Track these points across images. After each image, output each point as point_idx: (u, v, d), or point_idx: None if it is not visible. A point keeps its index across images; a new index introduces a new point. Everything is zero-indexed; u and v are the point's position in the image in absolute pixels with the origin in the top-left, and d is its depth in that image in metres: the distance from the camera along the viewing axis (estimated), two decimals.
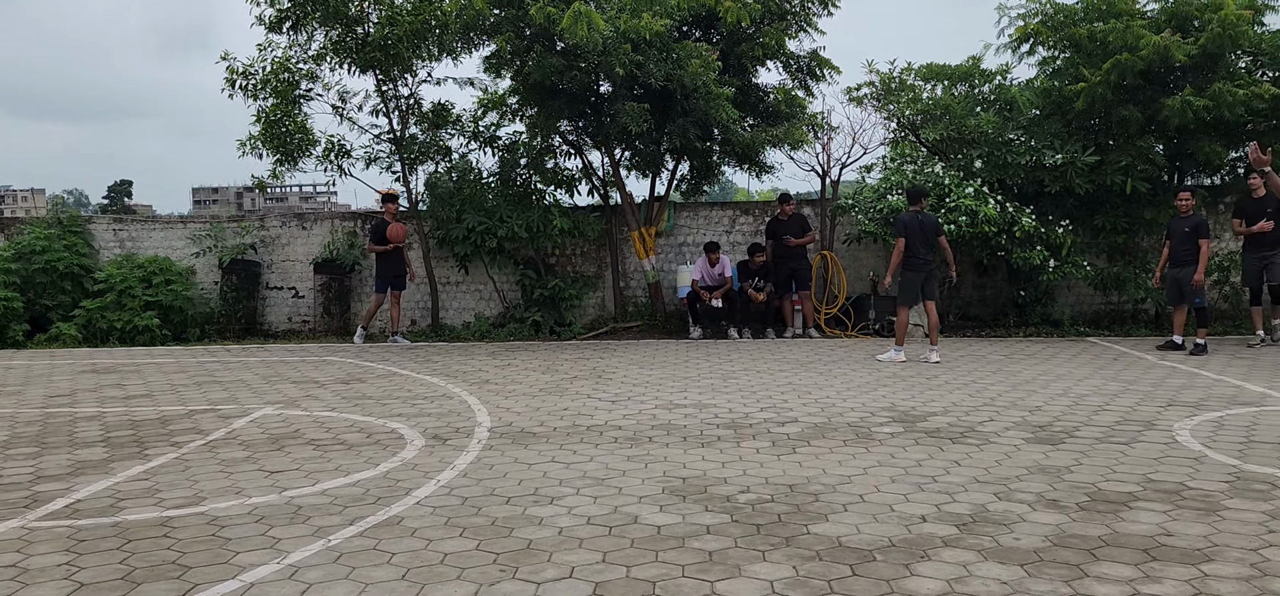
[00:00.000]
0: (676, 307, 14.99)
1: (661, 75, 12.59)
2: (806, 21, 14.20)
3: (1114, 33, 12.75)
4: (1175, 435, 6.98)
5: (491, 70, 14.25)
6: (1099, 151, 13.29)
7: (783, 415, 7.94)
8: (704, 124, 13.38)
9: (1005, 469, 6.07)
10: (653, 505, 5.39)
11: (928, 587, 4.10)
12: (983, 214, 12.73)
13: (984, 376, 9.90)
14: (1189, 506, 5.20)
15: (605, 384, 9.76)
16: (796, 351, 12.23)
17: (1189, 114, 12.27)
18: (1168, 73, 12.81)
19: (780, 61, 14.48)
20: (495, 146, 14.95)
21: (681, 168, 15.02)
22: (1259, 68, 13.22)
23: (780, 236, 14.15)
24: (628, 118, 12.65)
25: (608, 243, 15.38)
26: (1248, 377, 9.63)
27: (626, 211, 14.84)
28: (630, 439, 7.12)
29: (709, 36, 14.13)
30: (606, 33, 12.12)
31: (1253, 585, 4.07)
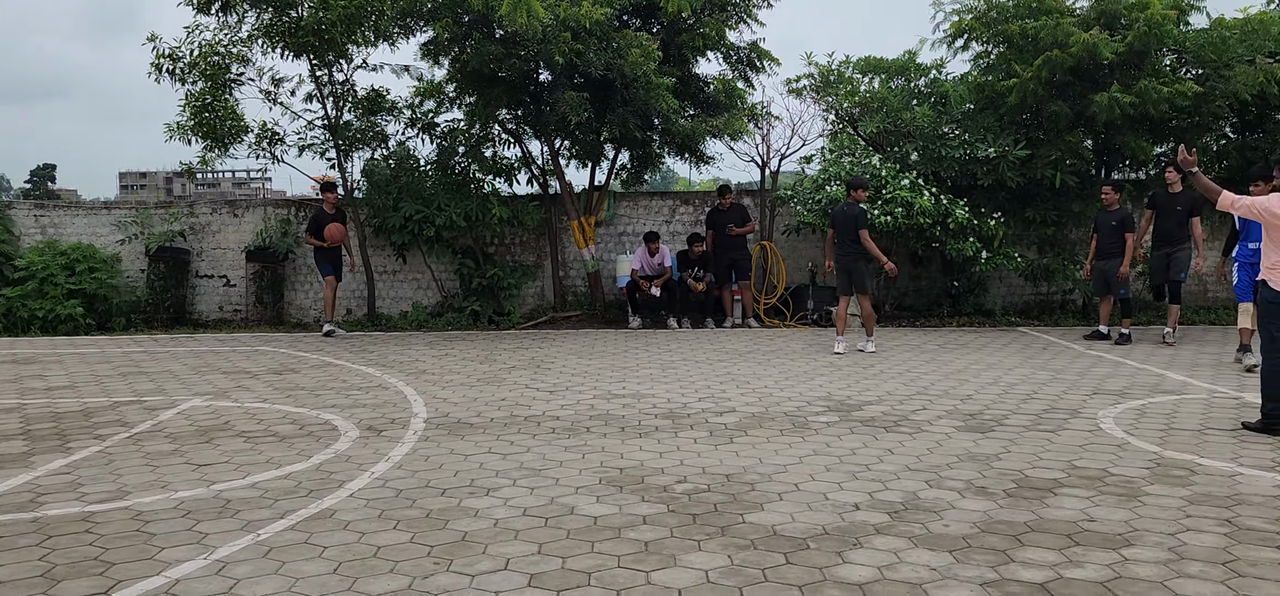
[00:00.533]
0: (616, 297, 14.98)
1: (602, 64, 12.55)
2: (747, 13, 14.26)
3: (1045, 30, 13.01)
4: (1099, 423, 7.16)
5: (429, 57, 14.08)
6: (1030, 145, 13.57)
7: (721, 405, 7.99)
8: (644, 114, 13.38)
9: (936, 457, 6.17)
10: (590, 496, 5.38)
11: (860, 574, 4.15)
12: (918, 206, 12.92)
13: (918, 366, 10.06)
14: (1111, 492, 5.34)
15: (543, 374, 9.73)
16: (735, 341, 12.30)
17: (1116, 110, 12.57)
18: (1096, 70, 13.10)
19: (720, 52, 14.53)
20: (433, 134, 14.78)
21: (621, 157, 15.01)
22: (1183, 66, 13.59)
23: (720, 226, 14.22)
24: (567, 107, 12.59)
25: (547, 232, 15.32)
26: (1169, 367, 9.92)
27: (566, 200, 14.79)
28: (568, 429, 7.10)
29: (649, 26, 14.12)
30: (546, 20, 12.05)
31: (1170, 568, 4.19)
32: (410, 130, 14.89)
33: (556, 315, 14.88)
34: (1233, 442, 6.51)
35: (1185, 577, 4.09)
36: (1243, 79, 12.72)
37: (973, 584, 4.04)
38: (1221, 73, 12.97)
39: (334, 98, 14.61)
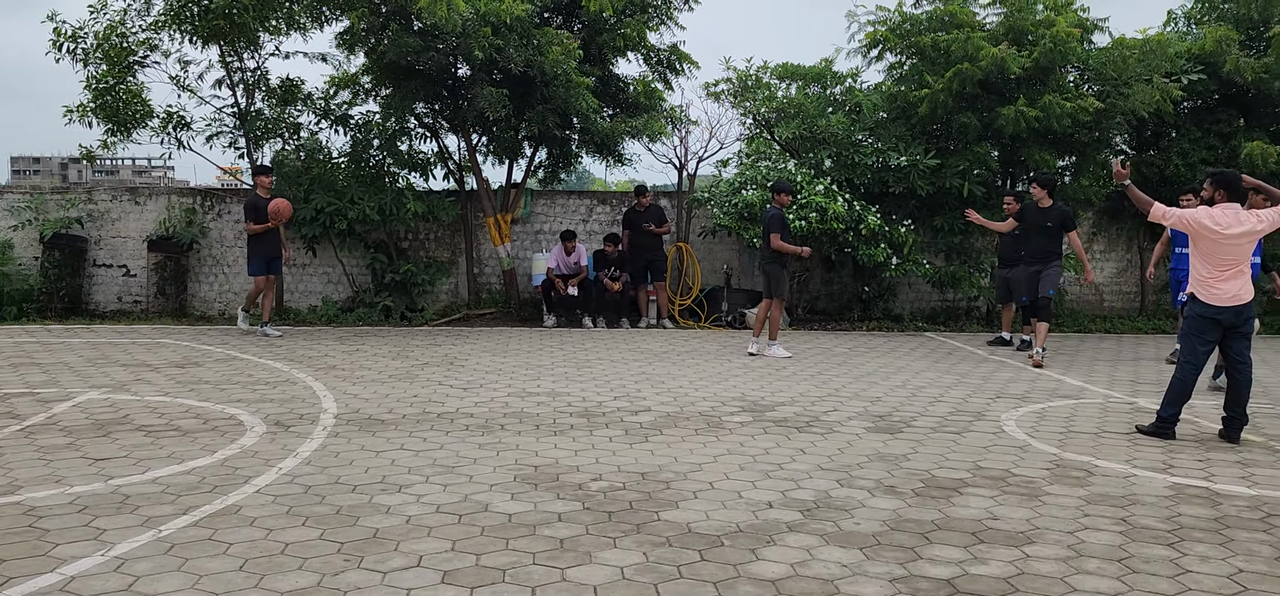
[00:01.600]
0: (531, 295, 14.90)
1: (522, 61, 12.46)
2: (667, 15, 14.32)
3: (956, 43, 13.37)
4: (1002, 425, 7.38)
5: (345, 47, 13.81)
6: (940, 155, 13.92)
7: (636, 404, 8.00)
8: (563, 112, 13.34)
9: (847, 456, 6.28)
10: (504, 493, 5.34)
11: (773, 571, 4.20)
12: (831, 211, 13.14)
13: (829, 368, 10.23)
14: (1014, 492, 5.51)
15: (457, 371, 9.61)
16: (650, 341, 12.35)
17: (1022, 123, 12.98)
18: (1004, 83, 13.51)
19: (641, 54, 14.56)
20: (347, 126, 14.48)
21: (539, 155, 14.92)
22: (1085, 82, 14.10)
23: (637, 226, 14.25)
24: (486, 102, 12.48)
25: (463, 228, 15.15)
26: (1067, 372, 10.28)
27: (482, 197, 14.64)
28: (482, 426, 7.03)
29: (571, 24, 14.08)
30: (466, 14, 11.91)
31: (1069, 565, 4.34)
32: (323, 121, 14.56)
33: (471, 312, 14.73)
34: (1127, 445, 6.78)
35: (1083, 574, 4.24)
36: (1140, 97, 13.26)
37: (882, 580, 4.12)
38: (1121, 90, 13.50)
39: (244, 85, 14.21)
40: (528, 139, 14.24)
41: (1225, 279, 6.82)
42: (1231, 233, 6.78)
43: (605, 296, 14.00)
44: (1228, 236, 6.78)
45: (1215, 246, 6.80)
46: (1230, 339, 6.93)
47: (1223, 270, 6.81)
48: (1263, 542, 4.69)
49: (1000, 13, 14.17)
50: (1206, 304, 6.86)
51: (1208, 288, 6.85)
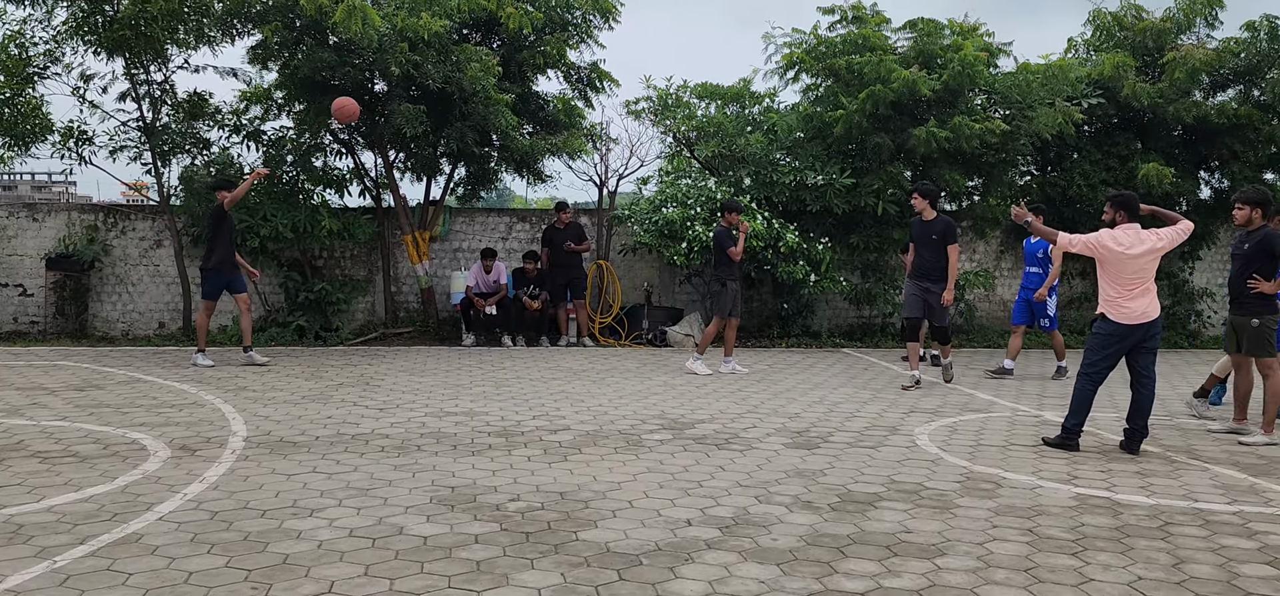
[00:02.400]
0: (450, 314, 14.73)
1: (440, 77, 12.35)
2: (587, 33, 14.35)
3: (869, 66, 13.66)
4: (916, 440, 7.53)
5: (257, 61, 13.50)
6: (855, 174, 14.18)
7: (555, 423, 7.95)
8: (482, 129, 13.25)
9: (766, 473, 6.33)
10: (420, 515, 5.25)
11: (691, 589, 4.20)
12: (751, 229, 13.28)
13: (748, 385, 10.32)
14: (926, 505, 5.61)
15: (373, 391, 9.45)
16: (570, 360, 12.30)
17: (933, 143, 13.32)
18: (915, 105, 13.85)
19: (561, 71, 14.56)
20: (259, 141, 14.15)
21: (458, 172, 14.79)
22: (992, 105, 14.54)
23: (557, 244, 14.21)
24: (403, 119, 12.32)
25: (379, 246, 14.92)
26: (977, 387, 10.54)
27: (400, 214, 14.45)
28: (398, 447, 6.91)
29: (490, 41, 14.01)
30: (382, 29, 11.77)
31: (979, 576, 4.44)
32: (235, 136, 14.20)
33: (388, 332, 14.50)
34: (1034, 458, 6.97)
35: (992, 584, 4.33)
36: (1044, 120, 13.72)
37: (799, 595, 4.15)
38: (1026, 113, 13.95)
39: (151, 99, 13.79)
40: (446, 156, 14.11)
41: (1133, 297, 7.06)
42: (1134, 252, 7.02)
43: (525, 315, 13.92)
44: (1132, 256, 7.02)
45: (1121, 266, 7.03)
46: (1136, 354, 7.17)
47: (1130, 289, 7.05)
48: (1161, 550, 4.86)
49: (911, 37, 14.55)
50: (1116, 322, 7.08)
51: (1116, 306, 7.08)
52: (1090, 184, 14.96)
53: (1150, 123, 15.16)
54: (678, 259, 13.69)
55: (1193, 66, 14.52)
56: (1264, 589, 4.34)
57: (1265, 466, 6.84)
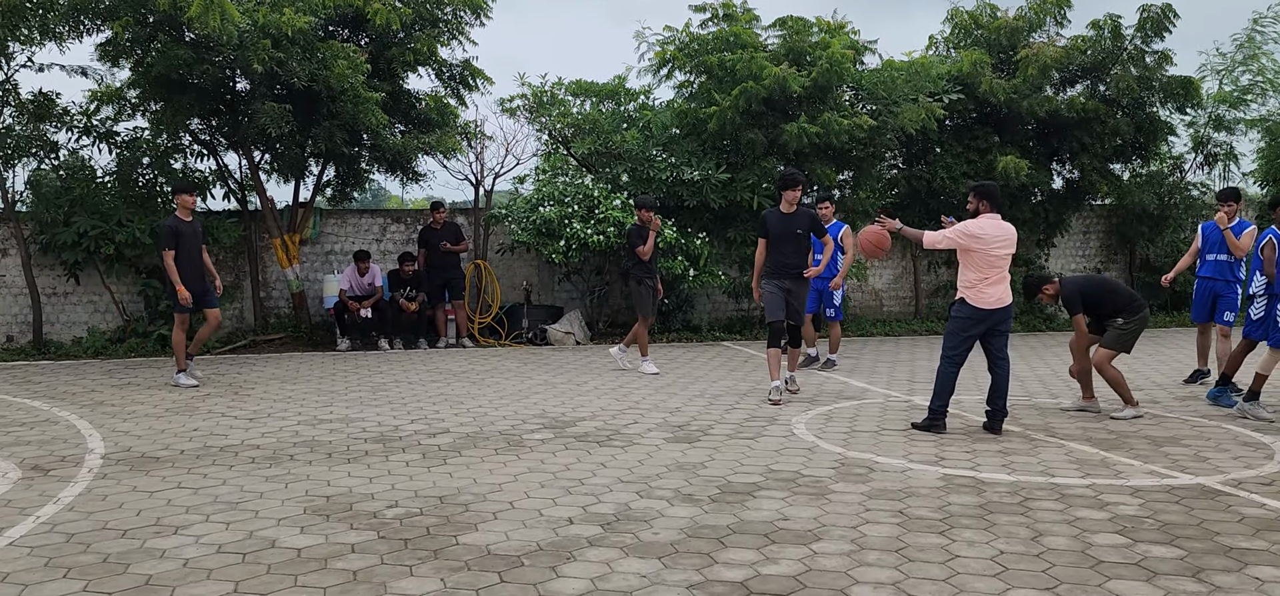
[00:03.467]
0: (323, 319, 14.34)
1: (306, 75, 11.99)
2: (458, 30, 14.14)
3: (741, 62, 13.89)
4: (793, 429, 7.69)
5: (108, 59, 12.85)
6: (730, 170, 14.40)
7: (434, 426, 7.83)
8: (352, 128, 12.92)
9: (647, 468, 6.37)
10: (293, 527, 5.08)
11: (573, 588, 4.19)
12: (629, 225, 13.33)
13: (630, 381, 10.36)
14: (803, 492, 5.74)
15: (242, 401, 9.11)
16: (449, 361, 12.13)
17: (804, 139, 13.63)
18: (787, 102, 14.14)
19: (432, 68, 14.32)
20: (112, 143, 13.46)
21: (328, 173, 14.39)
22: (860, 102, 14.97)
23: (433, 245, 13.98)
24: (267, 118, 11.91)
25: (246, 250, 14.39)
26: (852, 375, 10.85)
27: (267, 217, 13.97)
28: (269, 458, 6.69)
29: (357, 38, 13.67)
30: (243, 25, 11.35)
31: (852, 558, 4.56)
32: (85, 138, 13.47)
33: (257, 338, 14.00)
34: (904, 441, 7.21)
35: (865, 566, 4.46)
36: (908, 115, 14.20)
37: (680, 587, 4.19)
38: (891, 108, 14.41)
39: None
40: (315, 156, 13.71)
41: (991, 283, 7.38)
42: (996, 241, 7.35)
43: (401, 317, 13.65)
44: (994, 243, 7.34)
45: (983, 254, 7.35)
46: (990, 337, 7.51)
47: (990, 276, 7.37)
48: (1021, 524, 5.09)
49: (780, 35, 14.84)
50: (975, 307, 7.40)
51: (977, 291, 7.39)
52: (953, 176, 15.55)
53: (1006, 117, 15.85)
54: (556, 257, 13.64)
55: (1044, 63, 15.25)
56: (1114, 556, 4.59)
57: (1115, 441, 7.24)
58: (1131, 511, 5.32)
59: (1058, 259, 17.70)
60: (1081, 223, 18.00)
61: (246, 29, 11.45)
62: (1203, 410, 8.56)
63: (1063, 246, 17.77)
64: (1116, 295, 8.32)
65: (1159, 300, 17.79)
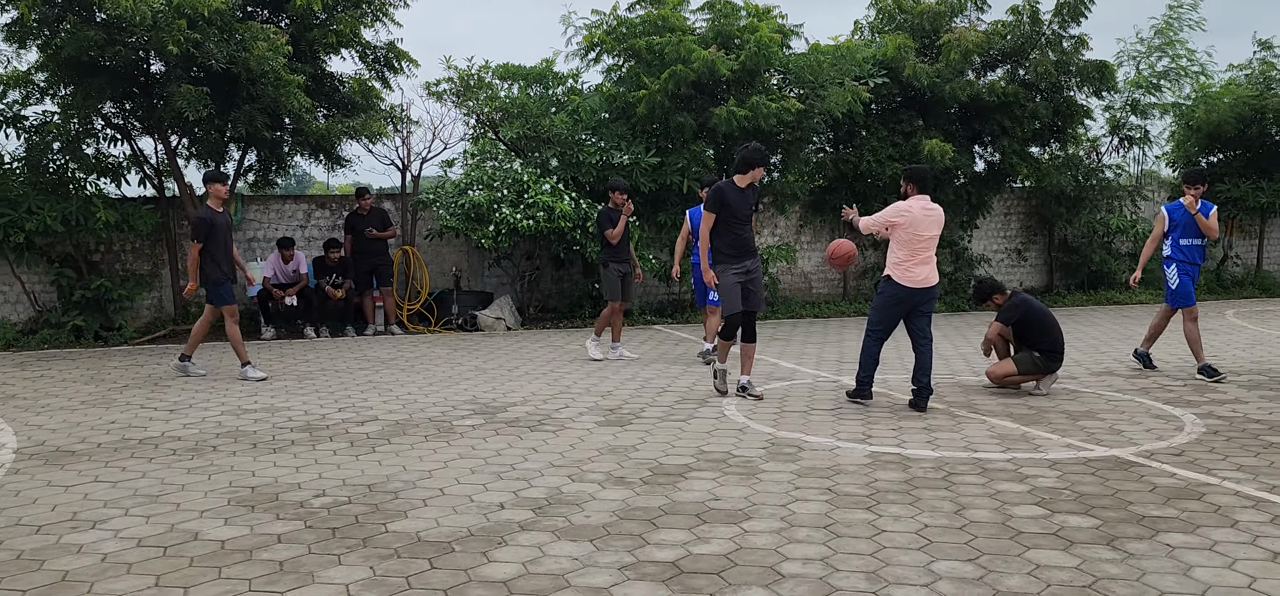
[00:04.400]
0: (247, 307, 14.02)
1: (224, 57, 11.67)
2: (382, 11, 13.88)
3: (669, 46, 13.90)
4: (724, 411, 7.75)
5: (13, 41, 12.32)
6: (660, 154, 14.42)
7: (362, 414, 7.72)
8: (273, 112, 12.61)
9: (578, 452, 6.37)
10: (216, 519, 4.98)
11: (504, 572, 4.18)
12: (559, 210, 13.29)
13: (561, 365, 10.34)
14: (734, 472, 5.80)
15: (162, 392, 8.88)
16: (378, 348, 11.96)
17: (733, 122, 13.70)
18: (715, 85, 14.20)
19: (356, 50, 14.04)
20: (19, 128, 12.95)
21: (249, 158, 14.05)
22: (788, 85, 15.10)
23: (359, 231, 13.76)
24: (184, 102, 11.57)
25: (165, 238, 13.99)
26: (782, 356, 10.97)
27: (186, 204, 13.58)
28: (191, 450, 6.53)
29: (278, 19, 13.34)
30: (157, 5, 11.00)
31: (782, 536, 4.62)
32: None
33: (178, 328, 13.63)
34: (832, 420, 7.32)
35: (794, 543, 4.53)
36: (835, 98, 14.37)
37: (612, 569, 4.20)
38: (818, 92, 14.57)
39: None
40: (234, 141, 13.36)
41: (918, 263, 7.55)
42: (926, 221, 7.50)
43: (327, 304, 13.42)
44: (922, 223, 7.49)
45: (913, 234, 7.50)
46: (914, 316, 7.66)
47: (917, 255, 7.54)
48: (944, 498, 5.21)
49: (708, 18, 14.89)
50: (901, 285, 7.56)
51: (905, 270, 7.56)
52: (879, 160, 15.78)
53: (930, 101, 16.13)
54: (486, 242, 13.53)
55: (965, 48, 15.54)
56: (1034, 527, 4.73)
57: (1035, 416, 7.45)
58: (1050, 483, 5.48)
59: (980, 240, 18.10)
60: (1003, 204, 18.42)
61: (160, 9, 11.10)
62: (1118, 385, 8.85)
63: (985, 228, 18.17)
64: (1049, 334, 8.45)
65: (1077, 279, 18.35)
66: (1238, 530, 4.64)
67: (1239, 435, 6.67)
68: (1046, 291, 18.19)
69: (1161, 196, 19.51)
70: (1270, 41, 18.76)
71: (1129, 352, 10.51)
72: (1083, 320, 14.53)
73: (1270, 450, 6.22)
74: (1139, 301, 17.46)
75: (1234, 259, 19.64)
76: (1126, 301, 17.43)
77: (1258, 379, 9.03)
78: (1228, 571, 4.12)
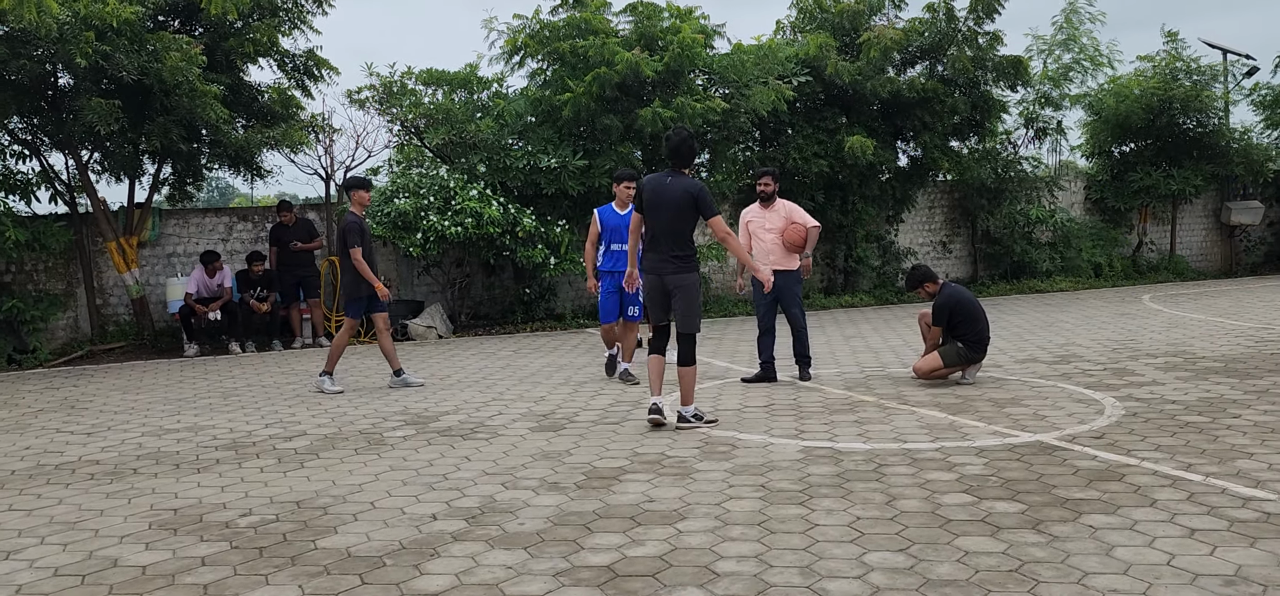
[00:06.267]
0: (168, 324, 13.65)
1: (135, 68, 11.35)
2: (300, 19, 13.63)
3: (593, 48, 13.88)
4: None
5: None
6: (587, 156, 14.39)
7: (290, 429, 7.56)
8: (189, 123, 12.30)
9: (512, 459, 6.31)
10: (137, 544, 4.82)
11: (437, 584, 4.12)
12: (487, 216, 13.18)
13: (493, 372, 10.26)
14: (668, 473, 5.80)
15: (79, 415, 8.59)
16: (306, 362, 11.73)
17: (659, 123, 13.74)
18: (640, 87, 14.23)
19: (274, 59, 13.77)
20: None
21: (165, 171, 13.68)
22: (713, 85, 15.19)
23: (284, 243, 13.49)
24: (94, 115, 11.22)
25: (79, 256, 13.56)
26: (715, 355, 11.02)
27: (100, 220, 13.18)
28: (110, 473, 6.32)
29: (191, 28, 13.01)
30: (62, 17, 10.66)
31: (717, 535, 4.64)
32: None
33: (96, 348, 13.22)
34: (765, 417, 7.37)
35: (729, 541, 4.54)
36: (759, 97, 14.50)
37: (546, 576, 4.17)
38: (743, 91, 14.68)
39: None
40: (149, 154, 13.01)
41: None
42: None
43: (252, 318, 13.13)
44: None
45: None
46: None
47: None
48: (876, 490, 5.28)
49: (632, 20, 14.91)
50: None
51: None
52: (804, 156, 15.97)
53: (853, 98, 16.37)
54: (414, 250, 13.37)
55: (885, 45, 15.81)
56: (962, 514, 4.81)
57: (962, 405, 7.59)
58: (977, 471, 5.59)
59: (906, 233, 18.42)
60: (927, 198, 18.78)
61: (67, 21, 10.76)
62: (1041, 372, 9.07)
63: (911, 221, 18.51)
64: (976, 324, 8.56)
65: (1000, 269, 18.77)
66: (1157, 509, 4.78)
67: (1156, 416, 6.88)
68: (971, 281, 18.59)
69: (1078, 187, 20.09)
70: (1176, 33, 19.43)
71: (1051, 339, 10.77)
72: (1006, 309, 14.87)
73: (1186, 430, 6.43)
74: (1059, 289, 17.94)
75: (1149, 245, 20.29)
76: (1048, 289, 17.90)
77: (1173, 361, 9.33)
78: (1148, 549, 4.24)
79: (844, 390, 8.47)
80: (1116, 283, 18.78)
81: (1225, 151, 19.31)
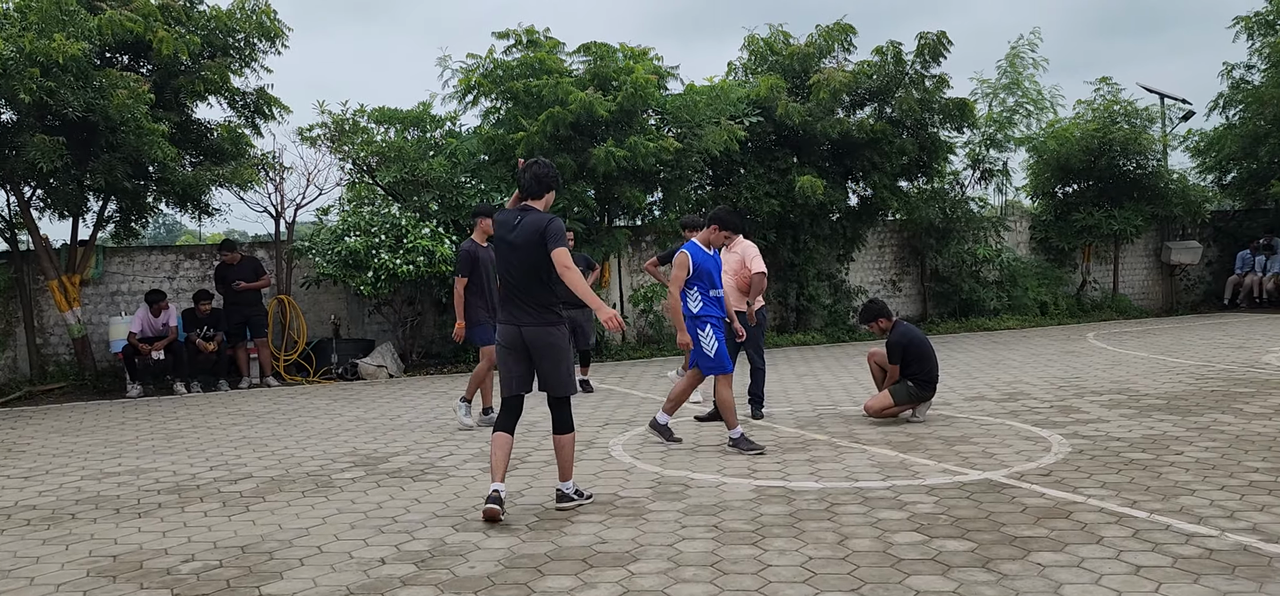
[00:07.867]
0: (111, 364, 13.35)
1: (81, 105, 11.17)
2: (251, 58, 13.53)
3: (547, 88, 13.94)
4: (610, 450, 7.74)
5: None
6: None
7: (235, 471, 7.41)
8: (136, 161, 12.11)
9: (463, 500, 6.25)
10: (74, 592, 4.69)
11: None
12: (439, 254, 13.11)
13: (444, 412, 10.15)
14: (621, 513, 5.77)
15: (16, 458, 8.35)
16: (253, 402, 11.53)
17: (612, 162, 13.80)
18: (594, 126, 14.29)
19: (224, 97, 13.63)
20: None
21: (110, 208, 13.44)
22: (665, 125, 15.30)
23: (230, 282, 13.29)
24: (36, 152, 11.02)
25: (19, 294, 13.24)
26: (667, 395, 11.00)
27: (42, 258, 12.90)
28: (48, 519, 6.15)
29: (139, 66, 12.85)
30: (6, 53, 10.47)
31: (669, 576, 4.62)
32: None
33: (35, 389, 12.88)
34: (719, 457, 7.37)
35: (681, 583, 4.52)
36: (711, 137, 14.63)
37: None
38: (695, 131, 14.81)
39: None
40: (94, 191, 12.78)
41: None
42: None
43: (198, 358, 12.89)
44: None
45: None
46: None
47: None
48: (828, 529, 5.29)
49: (586, 61, 15.01)
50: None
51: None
52: (756, 196, 16.11)
53: (803, 138, 16.57)
54: (365, 289, 13.24)
55: (834, 87, 16.05)
56: (913, 553, 4.84)
57: (912, 443, 7.66)
58: (927, 509, 5.64)
59: (857, 272, 18.62)
60: (876, 237, 19.01)
61: (10, 57, 10.57)
62: (989, 409, 9.18)
63: (861, 260, 18.71)
64: (926, 363, 8.62)
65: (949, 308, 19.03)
66: (1103, 545, 4.85)
67: (1102, 453, 7.00)
68: (921, 320, 18.81)
69: (1024, 227, 20.48)
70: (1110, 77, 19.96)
71: (999, 377, 10.92)
72: (955, 347, 15.06)
73: (1131, 467, 6.54)
74: (1006, 327, 18.22)
75: (1092, 284, 20.71)
76: (996, 327, 18.17)
77: (1117, 398, 9.50)
78: (1095, 586, 4.30)
79: (796, 429, 8.51)
80: (1062, 321, 19.12)
81: (1164, 193, 19.80)
